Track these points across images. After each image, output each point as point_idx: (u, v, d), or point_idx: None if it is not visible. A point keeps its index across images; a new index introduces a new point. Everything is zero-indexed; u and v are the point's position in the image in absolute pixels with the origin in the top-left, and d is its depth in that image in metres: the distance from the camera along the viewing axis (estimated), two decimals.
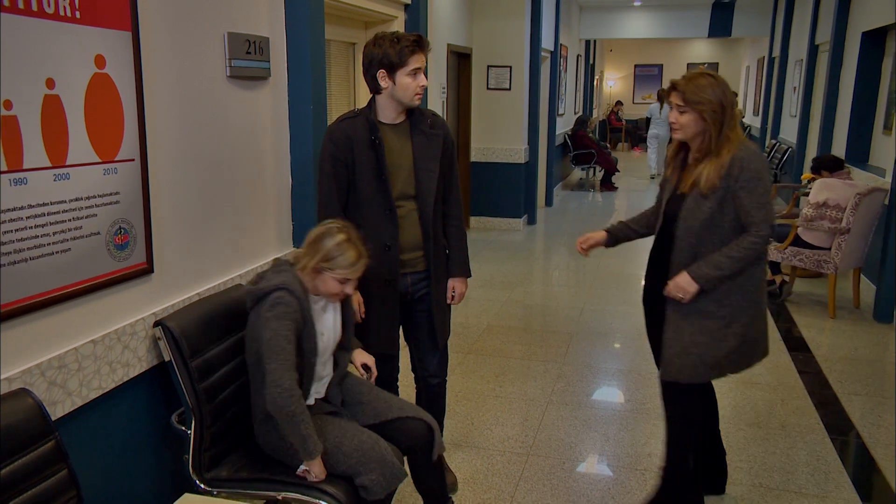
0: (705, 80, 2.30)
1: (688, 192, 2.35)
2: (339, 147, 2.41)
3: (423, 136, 2.47)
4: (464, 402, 3.60)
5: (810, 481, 2.90)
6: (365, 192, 2.43)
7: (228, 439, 2.19)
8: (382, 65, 2.35)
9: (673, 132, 2.38)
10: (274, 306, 2.02)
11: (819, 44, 8.38)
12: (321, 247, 2.10)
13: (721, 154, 2.28)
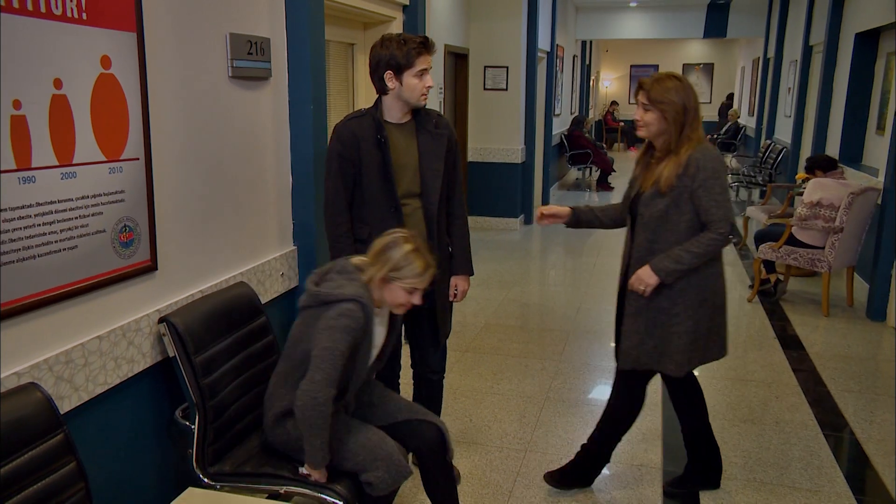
0: (671, 83, 2.39)
1: (648, 189, 2.46)
2: (346, 145, 2.45)
3: (429, 135, 2.52)
4: (462, 399, 3.64)
5: (804, 476, 2.94)
6: (371, 189, 2.46)
7: (231, 434, 2.22)
8: (390, 66, 2.40)
9: (637, 129, 2.48)
10: (341, 317, 2.00)
11: (813, 45, 8.45)
12: (389, 257, 2.09)
13: (680, 153, 2.38)
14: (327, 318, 2.01)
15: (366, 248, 2.49)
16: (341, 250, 2.52)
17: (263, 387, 2.37)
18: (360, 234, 2.53)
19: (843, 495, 2.81)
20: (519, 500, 2.77)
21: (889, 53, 5.80)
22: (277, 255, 2.78)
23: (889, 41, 5.92)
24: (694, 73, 18.83)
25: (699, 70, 18.82)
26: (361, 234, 2.52)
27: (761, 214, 6.69)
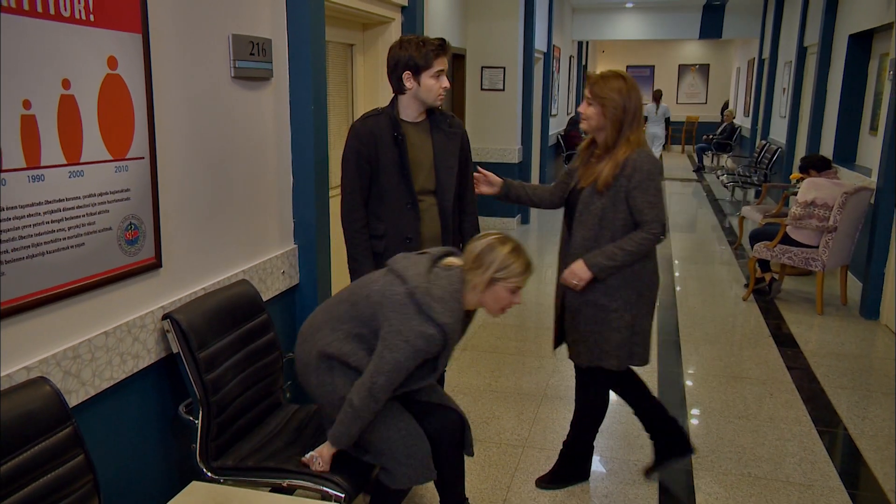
0: (616, 83, 2.47)
1: (586, 186, 2.53)
2: (364, 143, 2.51)
3: (443, 134, 2.60)
4: (460, 396, 3.67)
5: (797, 471, 2.99)
6: (388, 186, 2.53)
7: (234, 429, 2.26)
8: (408, 67, 2.47)
9: (580, 122, 2.57)
10: (420, 338, 1.98)
11: (807, 46, 8.51)
12: (493, 258, 2.07)
13: (617, 154, 2.46)
14: (411, 328, 1.98)
15: (381, 243, 2.55)
16: (357, 245, 2.58)
17: (265, 383, 2.42)
18: (376, 231, 2.58)
19: (835, 489, 2.85)
20: (517, 494, 2.81)
21: (882, 55, 5.86)
22: (278, 254, 2.81)
23: (882, 42, 5.98)
24: (690, 74, 18.90)
25: (695, 71, 18.90)
26: (377, 231, 2.58)
27: (756, 214, 6.75)
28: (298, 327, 2.97)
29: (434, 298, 2.01)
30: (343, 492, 2.05)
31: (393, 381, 2.01)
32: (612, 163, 2.46)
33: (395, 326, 1.99)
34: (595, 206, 2.50)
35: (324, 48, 2.92)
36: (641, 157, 2.45)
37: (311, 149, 2.87)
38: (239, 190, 2.55)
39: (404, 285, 2.02)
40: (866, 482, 2.94)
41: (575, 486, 2.87)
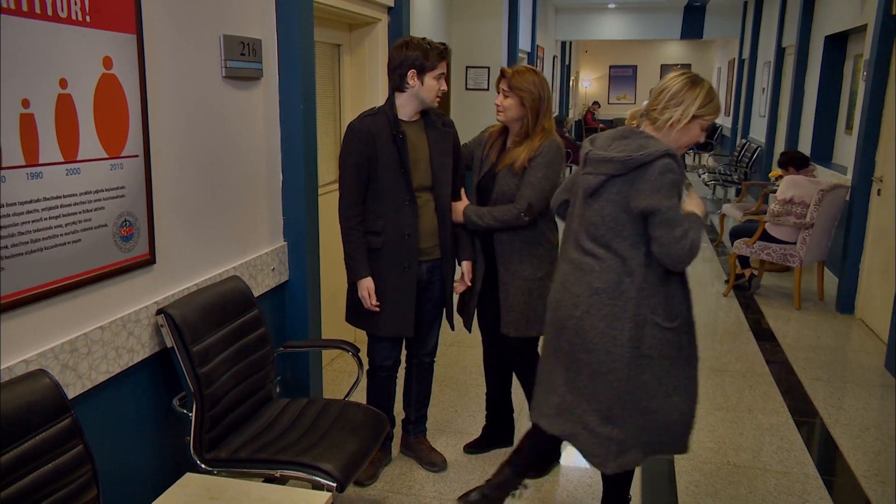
0: (531, 76, 2.69)
1: (502, 169, 2.72)
2: (363, 141, 2.58)
3: (438, 132, 2.69)
4: (447, 391, 3.74)
5: (774, 459, 3.08)
6: (386, 183, 2.60)
7: (227, 422, 2.30)
8: (414, 65, 2.56)
9: (497, 114, 2.75)
10: (664, 173, 1.99)
11: (785, 47, 8.66)
12: (697, 93, 2.08)
13: (535, 140, 2.67)
14: (648, 180, 2.01)
15: (379, 239, 2.62)
16: (352, 242, 2.64)
17: (257, 377, 2.46)
18: (373, 227, 2.64)
19: (811, 476, 2.95)
20: None
21: (856, 56, 6.00)
22: (268, 251, 2.86)
23: (856, 44, 6.12)
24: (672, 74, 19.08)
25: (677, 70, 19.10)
26: (375, 227, 2.64)
27: (736, 212, 6.88)
28: (288, 323, 3.03)
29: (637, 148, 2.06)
30: (334, 481, 2.11)
31: (686, 226, 2.03)
32: (529, 147, 2.68)
33: (641, 191, 2.03)
34: (510, 186, 2.70)
35: (312, 48, 2.96)
36: (550, 146, 2.68)
37: (301, 147, 2.92)
38: (230, 188, 2.60)
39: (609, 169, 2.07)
40: (840, 469, 3.04)
41: (560, 477, 2.94)
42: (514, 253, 2.75)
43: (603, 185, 2.11)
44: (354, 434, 2.35)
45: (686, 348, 2.18)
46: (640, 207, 2.04)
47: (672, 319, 2.13)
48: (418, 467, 2.98)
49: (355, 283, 2.66)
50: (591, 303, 2.13)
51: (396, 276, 2.66)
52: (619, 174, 2.07)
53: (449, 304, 2.84)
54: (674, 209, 2.03)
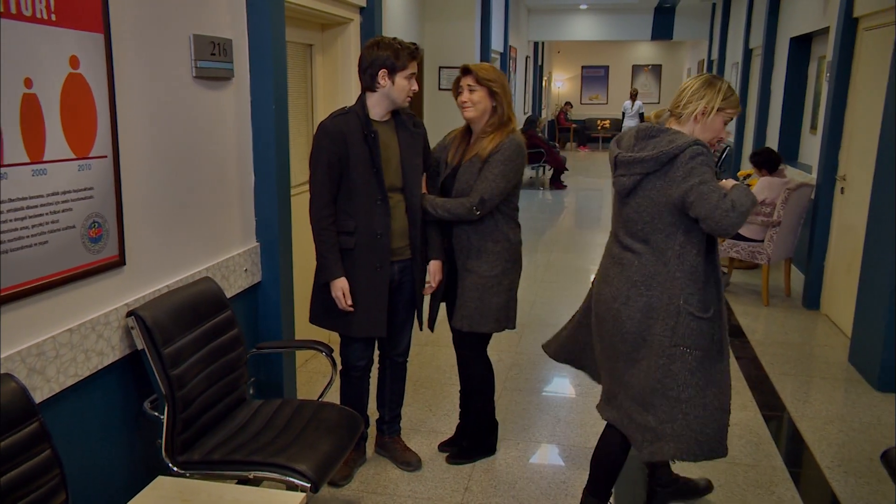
0: (491, 68, 2.79)
1: (465, 161, 2.75)
2: (334, 141, 2.58)
3: (408, 133, 2.69)
4: (422, 390, 3.75)
5: (743, 452, 3.14)
6: (358, 183, 2.60)
7: (199, 424, 2.28)
8: (385, 65, 2.56)
9: (464, 111, 2.76)
10: (694, 157, 2.12)
11: (752, 48, 8.82)
12: (718, 87, 2.23)
13: (504, 132, 2.71)
14: (679, 167, 2.13)
15: (351, 239, 2.62)
16: (325, 242, 2.64)
17: (230, 378, 2.45)
18: (345, 227, 2.64)
19: (778, 468, 3.02)
20: (478, 483, 2.90)
21: (820, 57, 6.13)
22: (241, 251, 2.84)
23: (819, 45, 6.26)
24: (643, 74, 19.32)
25: (648, 71, 19.33)
26: (347, 227, 2.63)
27: None
28: (261, 324, 3.02)
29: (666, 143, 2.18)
30: (309, 481, 2.11)
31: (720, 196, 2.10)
32: (498, 136, 2.71)
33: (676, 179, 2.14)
34: (472, 175, 2.70)
35: (284, 48, 2.95)
36: (512, 142, 2.71)
37: (273, 148, 2.91)
38: (201, 188, 2.58)
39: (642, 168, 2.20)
40: (806, 461, 3.11)
41: (534, 474, 2.97)
42: (471, 249, 2.77)
43: (638, 184, 2.24)
44: (329, 434, 2.35)
45: (719, 340, 2.27)
46: (677, 195, 2.15)
47: (706, 310, 2.22)
48: (393, 467, 2.99)
49: (328, 283, 2.65)
50: (629, 294, 2.26)
51: (369, 276, 2.66)
52: (654, 171, 2.19)
53: (419, 304, 2.85)
54: (706, 183, 2.11)
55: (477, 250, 2.76)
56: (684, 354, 2.20)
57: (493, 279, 2.76)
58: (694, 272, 2.21)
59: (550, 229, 8.41)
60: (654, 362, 2.22)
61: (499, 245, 2.77)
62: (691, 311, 2.20)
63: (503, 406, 3.57)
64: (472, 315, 2.79)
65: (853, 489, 2.87)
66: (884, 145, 3.88)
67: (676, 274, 2.20)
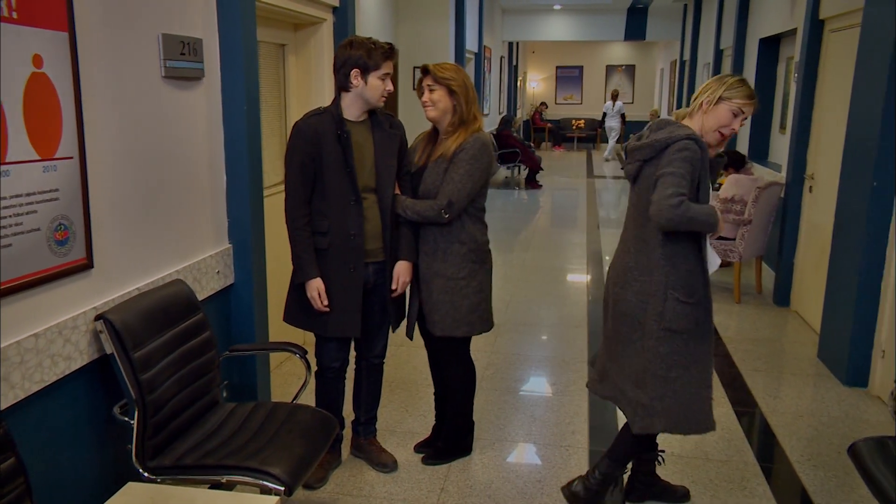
0: (451, 66, 2.77)
1: (431, 162, 2.73)
2: (308, 141, 2.56)
3: (384, 133, 2.68)
4: (398, 391, 3.74)
5: (716, 448, 3.18)
6: (331, 183, 2.58)
7: (171, 429, 2.25)
8: (358, 65, 2.55)
9: (426, 111, 2.76)
10: (681, 150, 2.25)
11: (723, 49, 8.94)
12: (724, 82, 2.34)
13: (468, 130, 2.70)
14: (667, 155, 2.27)
15: (325, 240, 2.61)
16: (300, 243, 2.62)
17: (202, 382, 2.42)
18: (319, 227, 2.62)
19: (750, 463, 3.06)
20: (454, 483, 2.90)
21: (788, 58, 6.24)
22: (213, 253, 2.81)
23: (788, 46, 6.36)
24: (617, 74, 19.49)
25: (621, 71, 19.50)
26: (321, 227, 2.62)
27: None
28: (234, 326, 2.99)
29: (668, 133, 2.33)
30: (282, 484, 2.09)
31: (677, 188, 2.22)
32: (462, 135, 2.69)
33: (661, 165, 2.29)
34: (438, 176, 2.69)
35: (256, 48, 2.93)
36: (478, 141, 2.69)
37: (245, 148, 2.88)
38: (172, 190, 2.54)
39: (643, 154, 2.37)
40: (777, 455, 3.16)
41: (510, 472, 2.98)
42: (437, 250, 2.75)
43: (639, 171, 2.40)
44: (303, 437, 2.33)
45: (703, 324, 2.40)
46: (655, 180, 2.28)
47: (691, 296, 2.36)
48: (369, 468, 2.98)
49: (303, 283, 2.64)
50: (626, 279, 2.45)
51: (343, 276, 2.64)
52: (649, 158, 2.34)
53: (390, 307, 2.81)
54: (674, 174, 2.23)
55: (443, 252, 2.74)
56: (672, 337, 2.37)
57: (461, 281, 2.74)
58: (677, 259, 2.36)
59: (526, 229, 8.44)
60: (645, 344, 2.41)
61: (465, 246, 2.74)
62: (677, 297, 2.35)
63: (479, 406, 3.57)
64: (443, 319, 2.78)
65: (822, 482, 2.92)
66: (849, 145, 3.96)
67: (662, 261, 2.36)
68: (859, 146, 3.81)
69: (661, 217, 2.21)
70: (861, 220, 3.72)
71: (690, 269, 2.37)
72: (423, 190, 2.73)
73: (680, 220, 2.21)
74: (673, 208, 2.19)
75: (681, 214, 2.19)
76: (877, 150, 3.58)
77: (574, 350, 4.40)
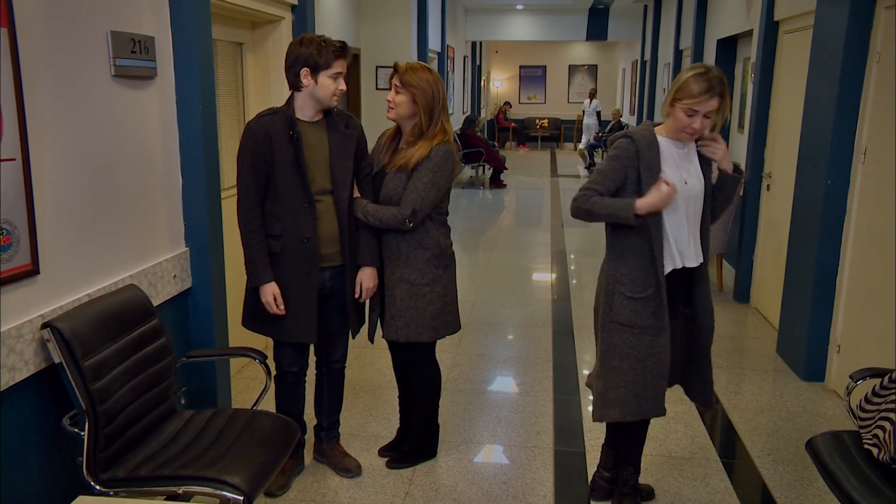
0: (423, 72, 2.65)
1: (392, 171, 2.68)
2: (259, 142, 2.49)
3: (339, 134, 2.61)
4: (362, 394, 3.69)
5: (679, 446, 3.21)
6: (284, 185, 2.51)
7: (125, 439, 2.18)
8: (307, 64, 2.48)
9: (387, 111, 2.71)
10: (613, 149, 2.39)
11: (683, 49, 9.07)
12: (676, 82, 2.33)
13: (432, 140, 2.64)
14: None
15: (278, 243, 2.55)
16: (253, 246, 2.55)
17: (158, 390, 2.35)
18: (272, 230, 2.56)
19: (712, 460, 3.09)
20: (419, 487, 2.87)
21: (745, 58, 6.35)
22: (169, 257, 2.73)
23: (744, 47, 6.48)
24: (580, 74, 19.66)
25: (584, 71, 19.67)
26: (274, 230, 2.55)
27: None
28: (193, 332, 2.92)
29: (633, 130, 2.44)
30: (242, 494, 2.03)
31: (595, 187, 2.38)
32: (425, 146, 2.62)
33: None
34: (398, 188, 2.64)
35: (210, 46, 2.86)
36: (442, 150, 2.63)
37: (201, 149, 2.81)
38: (125, 192, 2.47)
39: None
40: (738, 451, 3.20)
41: (475, 475, 2.96)
42: (400, 256, 2.70)
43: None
44: (262, 444, 2.28)
45: (660, 318, 2.43)
46: None
47: (639, 291, 2.41)
48: (332, 474, 2.93)
49: (257, 288, 2.58)
50: (599, 275, 2.60)
51: (297, 281, 2.59)
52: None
53: (351, 312, 2.75)
54: (598, 171, 2.42)
55: (406, 257, 2.70)
56: (622, 330, 2.45)
57: (424, 287, 2.70)
58: (621, 256, 2.45)
59: (490, 228, 8.45)
60: (601, 335, 2.53)
61: (429, 251, 2.70)
62: (623, 291, 2.43)
63: (444, 408, 3.55)
64: (407, 325, 2.73)
65: (781, 476, 2.97)
66: (804, 144, 4.04)
67: (611, 256, 2.49)
68: (814, 145, 3.89)
69: (571, 208, 2.41)
70: (816, 218, 3.80)
71: (642, 265, 2.41)
72: (385, 195, 2.68)
73: (579, 212, 2.39)
74: (575, 200, 2.38)
75: (579, 207, 2.37)
76: (830, 148, 3.66)
77: (539, 350, 4.40)
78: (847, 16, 3.52)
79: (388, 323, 2.76)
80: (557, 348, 4.42)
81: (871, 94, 3.51)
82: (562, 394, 3.74)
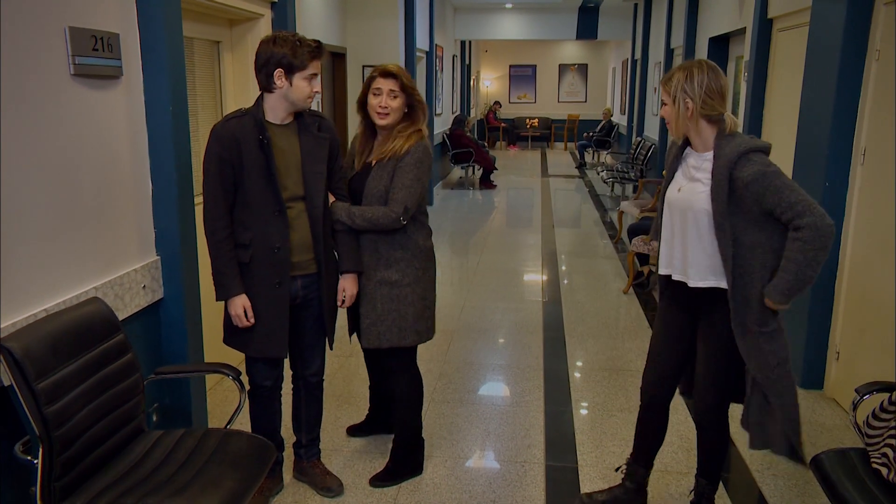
0: (409, 77, 2.70)
1: (379, 162, 2.62)
2: (226, 147, 2.35)
3: (311, 137, 2.48)
4: (345, 406, 3.55)
5: (675, 459, 3.09)
6: (253, 192, 2.38)
7: (85, 465, 2.03)
8: (281, 64, 2.34)
9: (381, 118, 2.63)
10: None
11: (674, 48, 8.97)
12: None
13: (418, 134, 2.64)
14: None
15: (247, 253, 2.41)
16: (221, 257, 2.41)
17: (123, 409, 2.20)
18: (242, 239, 2.42)
19: None
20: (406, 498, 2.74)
21: (737, 57, 6.25)
22: (138, 267, 2.58)
23: (737, 46, 6.38)
24: (570, 74, 19.57)
25: (574, 70, 19.58)
26: (243, 239, 2.41)
27: (634, 209, 7.03)
28: (165, 346, 2.77)
29: None
30: None
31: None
32: (414, 138, 2.62)
33: None
34: (384, 179, 2.59)
35: (181, 44, 2.71)
36: (419, 146, 2.61)
37: (172, 153, 2.66)
38: (88, 199, 2.32)
39: None
40: (736, 465, 3.08)
41: (462, 493, 2.83)
42: (380, 258, 2.62)
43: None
44: (235, 467, 2.14)
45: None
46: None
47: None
48: (312, 493, 2.79)
49: (226, 301, 2.43)
50: None
51: (267, 293, 2.44)
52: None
53: (328, 323, 2.63)
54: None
55: (386, 260, 2.62)
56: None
57: (405, 288, 2.63)
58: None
59: (480, 229, 8.32)
60: None
61: (409, 252, 2.64)
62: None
63: (431, 420, 3.42)
64: (389, 330, 2.63)
65: (782, 492, 2.85)
66: (801, 144, 3.93)
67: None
68: (811, 146, 3.78)
69: None
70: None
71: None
72: (368, 193, 2.59)
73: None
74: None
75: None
76: (828, 149, 3.55)
77: (529, 357, 4.27)
78: (845, 12, 3.40)
79: (368, 330, 2.67)
80: (548, 355, 4.29)
81: (871, 92, 3.40)
82: (553, 405, 3.62)
